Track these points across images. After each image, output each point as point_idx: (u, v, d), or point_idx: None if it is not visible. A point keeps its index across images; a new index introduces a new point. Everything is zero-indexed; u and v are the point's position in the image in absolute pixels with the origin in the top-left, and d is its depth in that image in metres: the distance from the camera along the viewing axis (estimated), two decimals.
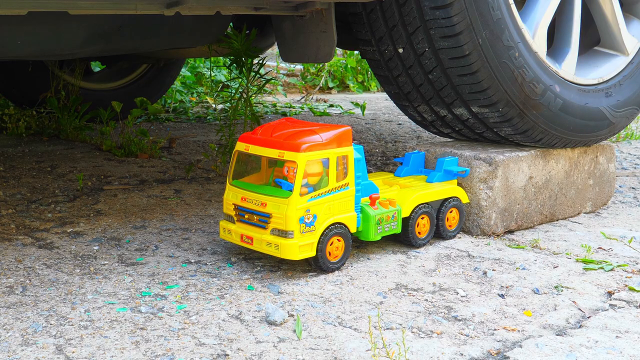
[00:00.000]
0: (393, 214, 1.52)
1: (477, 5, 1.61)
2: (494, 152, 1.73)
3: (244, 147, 1.46)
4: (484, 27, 1.62)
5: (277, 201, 1.38)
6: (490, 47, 1.64)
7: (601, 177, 1.98)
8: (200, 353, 1.10)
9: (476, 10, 1.61)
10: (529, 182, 1.77)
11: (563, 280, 1.45)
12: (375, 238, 1.50)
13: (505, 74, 1.67)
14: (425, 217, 1.61)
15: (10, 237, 1.63)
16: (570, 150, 1.87)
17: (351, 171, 1.44)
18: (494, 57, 1.65)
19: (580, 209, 1.94)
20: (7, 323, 1.19)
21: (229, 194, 1.48)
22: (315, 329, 1.20)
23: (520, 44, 1.69)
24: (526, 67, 1.70)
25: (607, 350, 1.15)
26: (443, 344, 1.16)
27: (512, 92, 1.69)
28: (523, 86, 1.69)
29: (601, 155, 1.96)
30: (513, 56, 1.67)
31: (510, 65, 1.67)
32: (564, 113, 1.78)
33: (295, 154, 1.36)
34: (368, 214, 1.48)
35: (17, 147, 2.66)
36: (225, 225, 1.49)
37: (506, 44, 1.66)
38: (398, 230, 1.55)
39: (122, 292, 1.33)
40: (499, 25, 1.65)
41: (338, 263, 1.45)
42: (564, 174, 1.86)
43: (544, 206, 1.83)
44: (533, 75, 1.71)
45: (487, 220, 1.71)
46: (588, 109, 1.84)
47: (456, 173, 1.69)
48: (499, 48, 1.65)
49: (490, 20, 1.63)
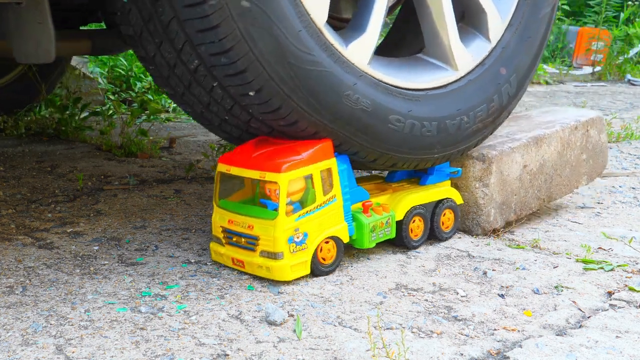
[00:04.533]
0: (387, 220, 1.52)
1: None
2: (486, 149, 1.73)
3: (225, 169, 1.44)
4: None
5: (263, 223, 1.37)
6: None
7: (594, 150, 1.98)
8: (200, 353, 1.10)
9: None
10: (523, 171, 1.77)
11: (563, 280, 1.46)
12: (369, 245, 1.49)
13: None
14: (419, 219, 1.60)
15: (10, 237, 1.63)
16: (561, 130, 1.87)
17: (336, 183, 1.43)
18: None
19: (577, 184, 1.95)
20: (7, 323, 1.19)
21: (216, 217, 1.46)
22: (315, 329, 1.20)
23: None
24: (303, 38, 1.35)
25: (607, 350, 1.15)
26: (443, 344, 1.16)
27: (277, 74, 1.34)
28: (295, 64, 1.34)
29: (591, 128, 1.96)
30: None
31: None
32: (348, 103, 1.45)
33: (276, 175, 1.34)
34: (362, 223, 1.47)
35: (17, 147, 2.66)
36: (216, 249, 1.47)
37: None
38: (392, 235, 1.54)
39: (122, 292, 1.33)
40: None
41: (330, 267, 1.44)
42: (557, 155, 1.86)
43: (540, 190, 1.83)
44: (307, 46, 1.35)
45: (487, 217, 1.71)
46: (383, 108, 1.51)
47: (448, 173, 1.69)
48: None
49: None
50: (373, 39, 1.50)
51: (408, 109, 1.52)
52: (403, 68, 1.60)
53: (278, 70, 1.32)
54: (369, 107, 1.45)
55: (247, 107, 1.39)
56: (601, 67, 6.34)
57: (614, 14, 6.52)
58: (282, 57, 1.32)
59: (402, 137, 1.52)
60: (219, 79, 1.35)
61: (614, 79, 6.22)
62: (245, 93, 1.35)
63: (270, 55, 1.31)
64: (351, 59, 1.44)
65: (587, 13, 7.02)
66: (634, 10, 7.04)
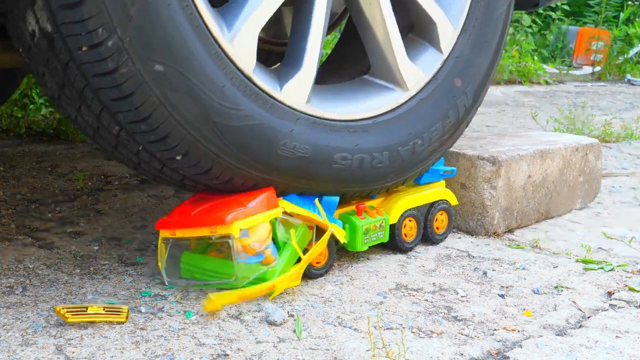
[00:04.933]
0: (380, 223, 1.49)
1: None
2: (496, 152, 1.73)
3: (169, 233, 1.32)
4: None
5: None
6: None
7: (590, 175, 2.00)
8: (200, 353, 1.10)
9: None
10: (527, 181, 1.78)
11: (563, 280, 1.46)
12: (362, 248, 1.46)
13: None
14: (413, 221, 1.58)
15: (10, 237, 1.63)
16: (564, 148, 1.88)
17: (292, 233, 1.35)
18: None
19: (572, 206, 1.97)
20: (7, 323, 1.19)
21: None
22: (315, 329, 1.20)
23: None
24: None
25: (607, 350, 1.15)
26: (443, 344, 1.16)
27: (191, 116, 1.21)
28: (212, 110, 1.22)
29: (590, 153, 1.98)
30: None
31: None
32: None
33: (228, 227, 1.25)
34: (355, 225, 1.45)
35: (17, 147, 2.66)
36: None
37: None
38: (385, 239, 1.52)
39: (122, 292, 1.33)
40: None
41: (322, 269, 1.43)
42: (558, 173, 1.88)
43: (540, 204, 1.84)
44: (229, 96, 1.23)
45: (491, 220, 1.71)
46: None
47: (442, 174, 1.66)
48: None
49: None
50: (310, 75, 1.36)
51: (355, 143, 1.41)
52: (347, 95, 1.47)
53: (203, 132, 1.21)
54: (309, 153, 1.34)
55: (177, 170, 1.28)
56: (601, 67, 6.34)
57: (614, 14, 6.52)
58: (206, 118, 1.21)
59: (351, 174, 1.41)
60: (142, 145, 1.24)
61: (614, 79, 6.22)
62: (171, 157, 1.24)
63: (192, 117, 1.19)
64: (287, 102, 1.32)
65: (587, 13, 7.02)
66: (634, 10, 7.04)
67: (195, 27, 1.18)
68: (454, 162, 1.74)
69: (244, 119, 1.25)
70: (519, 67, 5.75)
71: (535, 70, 5.83)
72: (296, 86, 1.34)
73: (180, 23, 1.16)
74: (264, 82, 1.29)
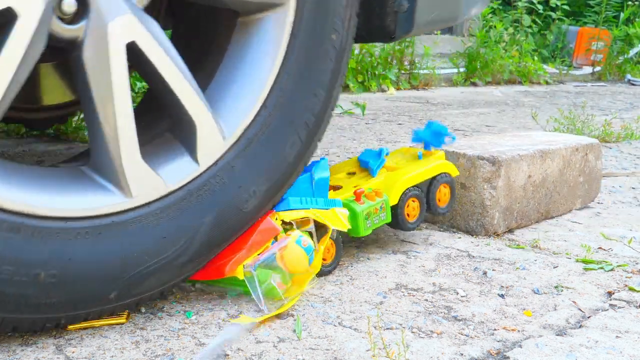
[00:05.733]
0: (380, 205, 1.48)
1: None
2: (496, 152, 1.73)
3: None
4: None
5: None
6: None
7: (590, 175, 2.00)
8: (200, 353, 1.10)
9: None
10: (528, 181, 1.78)
11: (563, 280, 1.46)
12: (365, 233, 1.46)
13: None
14: (416, 202, 1.56)
15: None
16: (564, 148, 1.88)
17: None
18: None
19: (572, 207, 1.97)
20: None
21: None
22: (315, 328, 1.20)
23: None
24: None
25: (607, 350, 1.15)
26: (443, 344, 1.16)
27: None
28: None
29: (590, 153, 1.98)
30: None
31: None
32: None
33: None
34: (355, 211, 1.44)
35: (17, 147, 2.66)
36: None
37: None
38: (388, 219, 1.51)
39: None
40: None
41: (329, 266, 1.43)
42: (558, 173, 1.88)
43: (540, 204, 1.84)
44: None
45: (491, 220, 1.72)
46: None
47: (447, 134, 1.62)
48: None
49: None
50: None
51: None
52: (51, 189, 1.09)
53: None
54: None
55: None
56: (601, 67, 6.34)
57: (614, 14, 6.52)
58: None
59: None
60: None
61: (614, 79, 6.22)
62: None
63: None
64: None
65: (587, 13, 7.02)
66: (634, 10, 7.05)
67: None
68: (454, 162, 1.74)
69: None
70: (519, 67, 5.76)
71: (535, 70, 5.84)
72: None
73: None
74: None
